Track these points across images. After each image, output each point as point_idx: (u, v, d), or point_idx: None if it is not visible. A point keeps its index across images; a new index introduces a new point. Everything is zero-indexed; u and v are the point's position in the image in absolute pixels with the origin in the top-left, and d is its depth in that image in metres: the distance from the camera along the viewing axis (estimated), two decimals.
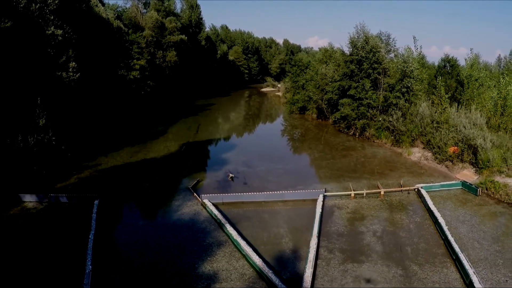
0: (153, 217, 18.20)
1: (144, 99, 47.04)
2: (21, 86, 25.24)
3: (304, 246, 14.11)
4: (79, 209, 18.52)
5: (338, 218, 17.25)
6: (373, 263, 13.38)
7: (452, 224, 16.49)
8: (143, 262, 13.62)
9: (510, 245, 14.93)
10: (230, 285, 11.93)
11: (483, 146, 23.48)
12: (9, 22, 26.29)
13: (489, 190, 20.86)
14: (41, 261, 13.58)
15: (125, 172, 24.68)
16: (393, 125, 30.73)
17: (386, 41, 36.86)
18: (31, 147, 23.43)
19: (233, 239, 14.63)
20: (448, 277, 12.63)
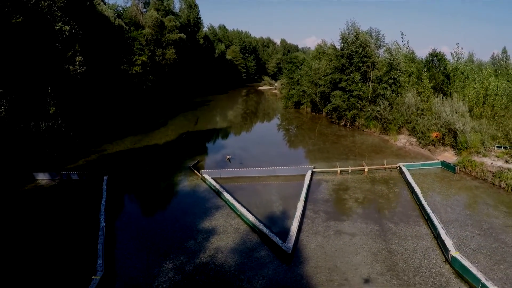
0: (157, 189, 20.05)
1: (145, 93, 48.96)
2: (33, 76, 27.05)
3: (292, 209, 15.91)
4: (90, 184, 20.33)
5: (324, 189, 19.14)
6: (353, 221, 15.24)
7: (428, 194, 18.33)
8: (150, 220, 15.49)
9: (481, 210, 16.69)
10: (226, 237, 13.76)
11: (462, 130, 25.38)
12: (20, 18, 28.12)
13: (467, 169, 22.71)
14: (60, 222, 15.39)
15: (130, 155, 26.53)
16: (381, 114, 32.65)
17: (376, 36, 38.76)
18: (42, 132, 25.26)
19: (229, 203, 16.51)
20: (419, 232, 14.44)
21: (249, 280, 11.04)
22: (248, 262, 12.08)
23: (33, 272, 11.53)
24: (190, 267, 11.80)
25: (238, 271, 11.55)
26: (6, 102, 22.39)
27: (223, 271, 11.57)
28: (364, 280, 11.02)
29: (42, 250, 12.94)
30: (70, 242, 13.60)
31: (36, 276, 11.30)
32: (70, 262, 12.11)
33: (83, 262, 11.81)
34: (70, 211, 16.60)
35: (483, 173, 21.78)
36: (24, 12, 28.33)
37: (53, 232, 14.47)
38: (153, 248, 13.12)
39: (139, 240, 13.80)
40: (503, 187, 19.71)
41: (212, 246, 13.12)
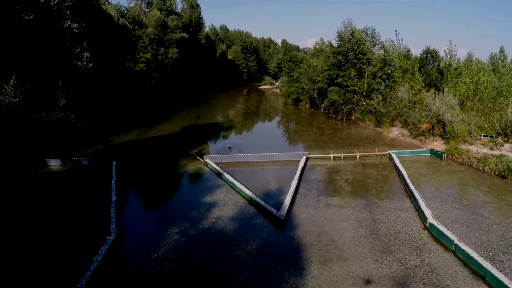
0: (163, 172, 21.50)
1: (149, 90, 50.53)
2: (44, 70, 28.58)
3: (287, 187, 17.29)
4: (99, 169, 21.80)
5: (317, 171, 20.58)
6: (342, 196, 16.67)
7: (414, 176, 19.69)
8: (156, 197, 16.97)
9: (463, 190, 18.01)
10: (226, 209, 15.21)
11: (450, 120, 26.78)
12: (31, 15, 29.69)
13: (454, 156, 24.06)
14: (75, 198, 16.88)
15: (136, 145, 28.04)
16: (375, 108, 34.06)
17: (371, 35, 40.18)
18: (53, 122, 26.75)
19: (229, 182, 17.97)
20: (403, 206, 15.79)
21: (246, 240, 12.47)
22: (246, 227, 13.51)
23: (55, 236, 12.96)
24: (194, 231, 13.24)
25: (236, 234, 12.98)
26: (20, 93, 23.85)
27: (223, 234, 13.01)
28: (350, 239, 12.42)
29: (62, 220, 14.39)
30: (86, 213, 15.06)
31: (58, 239, 12.73)
32: (87, 228, 13.56)
33: (98, 228, 13.23)
34: (83, 190, 18.07)
35: (469, 159, 23.13)
36: (35, 10, 29.86)
37: (69, 206, 15.92)
38: (160, 218, 14.59)
39: (147, 212, 15.30)
40: (486, 171, 21.04)
41: (213, 215, 14.56)
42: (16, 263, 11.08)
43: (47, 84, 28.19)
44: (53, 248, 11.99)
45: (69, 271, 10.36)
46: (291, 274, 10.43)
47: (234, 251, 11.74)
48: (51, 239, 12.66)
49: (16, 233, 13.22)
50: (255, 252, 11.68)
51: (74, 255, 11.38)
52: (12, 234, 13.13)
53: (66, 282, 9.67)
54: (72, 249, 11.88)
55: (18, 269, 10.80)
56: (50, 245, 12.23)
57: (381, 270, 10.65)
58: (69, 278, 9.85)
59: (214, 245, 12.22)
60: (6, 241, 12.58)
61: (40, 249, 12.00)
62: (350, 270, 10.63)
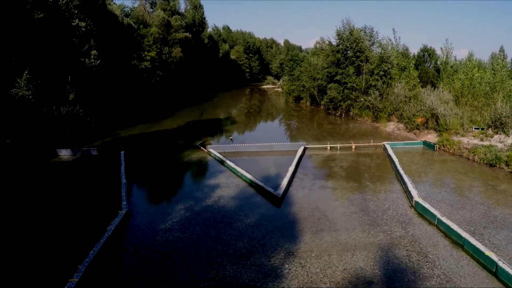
0: (169, 160, 22.74)
1: (154, 87, 51.91)
2: (54, 66, 29.90)
3: (285, 173, 18.41)
4: (108, 158, 23.05)
5: (314, 159, 21.79)
6: (336, 180, 17.83)
7: (406, 164, 20.78)
8: (163, 181, 18.21)
9: (451, 175, 19.06)
10: (228, 189, 16.41)
11: (443, 114, 27.88)
12: (41, 14, 31.01)
13: (445, 147, 25.14)
14: (87, 183, 18.14)
15: (142, 137, 29.30)
16: (372, 103, 35.19)
17: (370, 33, 41.31)
18: (63, 116, 28.04)
19: (231, 168, 19.18)
20: (392, 188, 16.92)
21: (245, 214, 13.66)
22: (245, 204, 14.70)
23: (72, 213, 14.20)
24: (198, 208, 14.45)
25: (237, 209, 14.18)
26: (32, 87, 25.15)
27: (225, 210, 14.21)
28: (341, 214, 13.58)
29: (77, 200, 15.62)
30: (98, 194, 16.30)
31: (75, 214, 13.96)
32: (100, 206, 14.78)
33: (110, 205, 14.42)
34: (95, 176, 19.34)
35: (460, 150, 24.21)
36: (45, 9, 31.20)
37: (83, 188, 17.17)
38: (166, 197, 15.83)
39: (154, 193, 16.53)
40: (476, 160, 22.11)
41: (216, 195, 15.78)
42: (40, 233, 12.31)
43: (57, 79, 29.51)
44: (71, 222, 13.21)
45: (85, 238, 11.55)
46: (286, 241, 11.59)
47: (235, 223, 12.92)
48: (68, 215, 13.87)
49: (35, 210, 14.45)
50: (254, 224, 12.86)
51: (90, 227, 12.59)
52: (32, 211, 14.36)
53: (83, 247, 10.83)
54: (87, 222, 13.10)
55: (43, 236, 12.03)
56: (67, 220, 13.44)
57: (368, 239, 11.79)
58: (86, 243, 11.03)
59: (217, 218, 13.41)
60: (29, 215, 13.82)
61: (58, 223, 13.22)
62: (340, 238, 11.77)
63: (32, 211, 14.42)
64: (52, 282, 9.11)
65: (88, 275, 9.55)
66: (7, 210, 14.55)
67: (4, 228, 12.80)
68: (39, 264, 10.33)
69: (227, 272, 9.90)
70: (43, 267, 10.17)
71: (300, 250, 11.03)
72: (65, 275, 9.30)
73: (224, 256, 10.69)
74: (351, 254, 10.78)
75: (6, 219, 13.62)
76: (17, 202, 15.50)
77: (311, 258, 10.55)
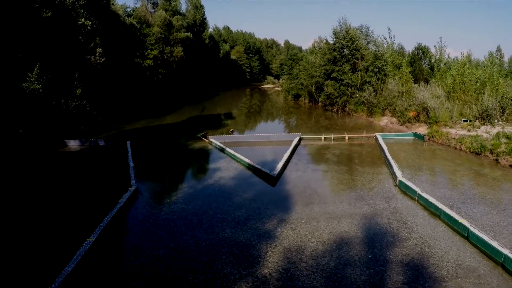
0: (172, 149, 24.14)
1: (156, 85, 53.34)
2: (62, 62, 31.30)
3: (281, 159, 19.77)
4: (116, 147, 24.42)
5: (308, 148, 23.15)
6: (328, 164, 19.18)
7: (395, 152, 22.07)
8: (168, 166, 19.58)
9: (437, 162, 20.34)
10: (228, 172, 17.77)
11: (433, 107, 29.23)
12: (49, 13, 32.43)
13: (435, 138, 26.47)
14: (98, 168, 19.50)
15: (146, 130, 30.68)
16: (367, 99, 36.54)
17: (366, 32, 42.70)
18: (71, 109, 29.41)
19: (231, 154, 20.55)
20: (380, 171, 18.18)
21: (243, 191, 15.00)
22: (244, 183, 16.07)
23: (85, 191, 15.56)
24: (200, 186, 15.83)
25: (236, 187, 15.54)
26: (43, 81, 26.53)
27: (225, 187, 15.57)
28: (330, 191, 14.93)
29: (89, 180, 16.99)
30: (109, 176, 17.68)
31: (88, 192, 15.32)
32: (110, 185, 16.14)
33: (120, 185, 15.75)
34: (103, 162, 20.69)
35: (448, 140, 25.51)
36: (52, 8, 32.60)
37: (93, 172, 18.54)
38: (171, 178, 17.22)
39: (159, 174, 17.89)
40: (463, 149, 23.39)
41: (216, 176, 17.14)
42: (61, 207, 13.67)
43: (65, 75, 30.89)
44: (86, 198, 14.58)
45: (100, 209, 12.86)
46: (279, 211, 12.93)
47: (234, 198, 14.27)
48: (83, 193, 15.24)
49: (53, 190, 15.81)
50: (251, 198, 14.21)
51: (103, 201, 13.93)
52: (51, 191, 15.72)
53: (98, 215, 12.15)
54: (101, 197, 14.46)
55: (63, 209, 13.39)
56: (83, 196, 14.81)
57: (353, 210, 13.12)
58: (101, 213, 12.36)
59: (217, 194, 14.78)
60: (49, 193, 15.19)
61: (74, 199, 14.58)
62: (328, 209, 13.11)
63: (50, 191, 15.76)
64: (74, 241, 10.43)
65: (103, 237, 10.89)
66: (31, 189, 15.91)
67: (31, 202, 14.16)
68: (61, 228, 11.69)
69: (226, 234, 11.23)
70: (64, 230, 11.54)
71: (291, 218, 12.37)
72: (84, 236, 10.64)
73: (224, 222, 12.04)
74: (337, 221, 12.10)
75: (30, 196, 14.98)
76: (36, 183, 16.86)
77: (301, 224, 11.88)
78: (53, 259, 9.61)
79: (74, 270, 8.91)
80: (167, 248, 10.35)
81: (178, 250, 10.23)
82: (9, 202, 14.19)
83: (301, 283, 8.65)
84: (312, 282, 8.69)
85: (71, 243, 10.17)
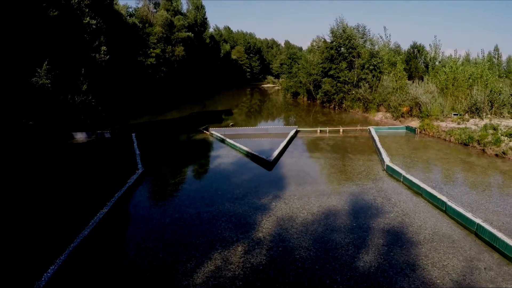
0: (176, 140, 25.41)
1: (158, 83, 54.67)
2: (69, 59, 32.58)
3: (277, 148, 21.05)
4: (121, 139, 25.66)
5: (304, 139, 24.37)
6: (322, 152, 20.38)
7: (386, 143, 23.23)
8: (172, 153, 20.82)
9: (426, 151, 21.34)
10: (227, 159, 18.99)
11: (425, 102, 30.44)
12: (56, 12, 33.72)
13: (426, 130, 27.65)
14: (106, 156, 20.73)
15: (150, 124, 31.94)
16: (363, 95, 37.77)
17: (362, 31, 43.95)
18: (77, 104, 30.68)
19: (230, 144, 21.78)
20: (370, 158, 19.29)
21: (242, 173, 16.24)
22: (242, 168, 17.30)
23: (96, 175, 16.80)
24: (202, 170, 17.11)
25: (234, 171, 16.78)
26: (51, 76, 27.80)
27: (225, 171, 16.79)
28: (322, 174, 16.13)
29: (99, 166, 18.22)
30: (116, 162, 18.91)
31: (99, 176, 16.55)
32: (119, 169, 17.37)
33: (128, 169, 16.96)
34: (111, 151, 21.93)
35: (438, 132, 26.69)
36: (59, 7, 33.89)
37: (102, 159, 19.78)
38: (175, 164, 18.45)
39: (164, 160, 19.14)
40: (452, 141, 24.54)
41: (217, 162, 18.39)
42: (74, 187, 14.91)
43: (72, 72, 32.15)
44: (97, 180, 15.81)
45: (110, 188, 14.08)
46: (274, 189, 14.13)
47: (232, 179, 15.50)
48: (94, 177, 16.47)
49: (65, 174, 17.06)
50: (249, 179, 15.43)
51: (113, 182, 15.15)
52: (63, 174, 16.97)
53: (109, 193, 13.35)
54: (111, 179, 15.69)
55: (76, 188, 14.63)
56: (94, 179, 16.04)
57: (342, 189, 14.32)
58: (111, 191, 13.57)
59: (218, 176, 16.03)
60: (62, 176, 16.43)
61: (86, 181, 15.82)
62: (319, 188, 14.31)
63: (64, 175, 17.01)
64: (88, 211, 11.64)
65: (114, 209, 12.12)
66: (47, 173, 17.16)
67: (48, 183, 15.41)
68: (76, 204, 12.95)
69: (225, 207, 12.45)
70: (80, 205, 12.79)
71: (285, 194, 13.58)
72: (97, 208, 11.86)
73: (224, 198, 13.25)
74: (327, 197, 13.31)
75: (47, 179, 16.23)
76: (51, 169, 18.10)
77: (293, 199, 13.09)
78: (71, 226, 10.84)
79: (89, 233, 10.13)
80: (172, 218, 11.56)
81: (182, 219, 11.44)
82: (30, 184, 15.43)
83: (291, 244, 9.84)
84: (301, 243, 9.88)
85: (86, 215, 11.37)
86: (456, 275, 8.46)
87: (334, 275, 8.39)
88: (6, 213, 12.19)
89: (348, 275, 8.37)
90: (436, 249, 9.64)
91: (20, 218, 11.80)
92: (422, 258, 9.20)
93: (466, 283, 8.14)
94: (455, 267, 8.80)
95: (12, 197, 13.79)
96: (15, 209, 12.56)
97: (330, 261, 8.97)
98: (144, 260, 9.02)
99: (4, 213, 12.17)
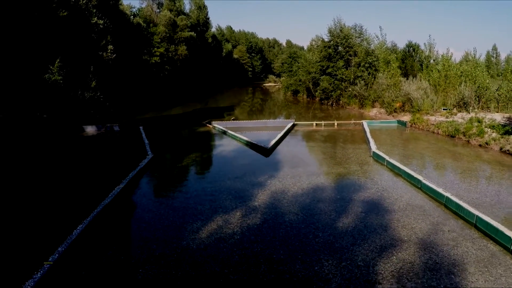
0: (181, 132, 27.16)
1: (162, 81, 56.52)
2: (79, 57, 34.39)
3: (275, 139, 22.76)
4: (130, 132, 27.41)
5: (300, 132, 26.08)
6: (315, 142, 22.10)
7: (377, 135, 24.87)
8: (177, 143, 22.59)
9: (413, 142, 22.97)
10: (228, 147, 20.73)
11: (416, 97, 32.08)
12: (65, 12, 35.53)
13: (416, 124, 29.27)
14: (116, 146, 22.50)
15: (155, 119, 33.73)
16: (359, 92, 39.44)
17: (359, 31, 45.58)
18: (87, 100, 32.47)
19: (231, 135, 23.52)
20: (360, 147, 20.86)
21: (241, 159, 17.99)
22: (242, 155, 19.04)
23: (109, 160, 18.55)
24: (205, 156, 18.87)
25: (235, 157, 18.54)
26: (63, 73, 29.61)
27: (225, 158, 18.56)
28: (314, 159, 17.84)
29: (111, 154, 19.98)
30: (127, 150, 20.68)
31: (112, 161, 18.31)
32: (131, 156, 19.11)
33: (138, 156, 18.69)
34: (121, 142, 23.69)
35: (427, 126, 28.29)
36: (68, 8, 35.68)
37: (113, 148, 21.54)
38: (181, 151, 20.19)
39: (171, 148, 20.92)
40: (439, 133, 26.14)
41: (218, 150, 20.20)
42: (91, 171, 16.67)
43: (81, 69, 33.95)
44: (110, 165, 17.57)
45: (124, 171, 15.79)
46: (270, 171, 15.83)
47: (233, 163, 17.25)
48: (107, 162, 18.23)
49: (80, 161, 18.83)
50: (248, 163, 17.16)
51: (125, 166, 16.88)
52: (78, 162, 18.74)
53: (122, 174, 15.05)
54: (123, 164, 17.44)
55: (94, 171, 16.39)
56: (107, 164, 17.81)
57: (331, 170, 16.01)
58: (124, 172, 15.30)
59: (220, 161, 17.81)
60: (77, 163, 18.21)
61: (100, 166, 17.59)
62: (309, 169, 16.01)
63: (79, 162, 18.79)
64: (107, 187, 13.35)
65: (128, 186, 13.84)
66: (64, 161, 18.95)
67: (67, 168, 17.19)
68: (94, 183, 14.71)
69: (226, 184, 14.16)
70: (97, 183, 14.55)
71: (279, 175, 15.29)
72: (113, 185, 13.58)
73: (225, 177, 14.97)
74: (316, 176, 15.01)
75: (65, 164, 18.01)
76: (67, 157, 19.88)
77: (287, 178, 14.79)
78: (93, 198, 12.59)
79: (110, 202, 11.87)
80: (179, 192, 13.31)
81: (188, 193, 13.17)
82: (51, 168, 17.20)
83: (282, 210, 11.55)
84: (291, 210, 11.58)
85: (105, 190, 13.10)
86: (422, 234, 10.10)
87: (316, 232, 10.07)
88: (38, 190, 13.95)
89: (328, 232, 10.05)
90: (407, 216, 11.28)
91: (50, 193, 13.54)
92: (394, 222, 10.85)
93: (430, 240, 9.77)
94: (422, 229, 10.43)
95: (39, 179, 15.55)
96: (46, 188, 14.32)
97: (314, 222, 10.67)
98: (157, 222, 10.74)
99: (36, 189, 13.94)
